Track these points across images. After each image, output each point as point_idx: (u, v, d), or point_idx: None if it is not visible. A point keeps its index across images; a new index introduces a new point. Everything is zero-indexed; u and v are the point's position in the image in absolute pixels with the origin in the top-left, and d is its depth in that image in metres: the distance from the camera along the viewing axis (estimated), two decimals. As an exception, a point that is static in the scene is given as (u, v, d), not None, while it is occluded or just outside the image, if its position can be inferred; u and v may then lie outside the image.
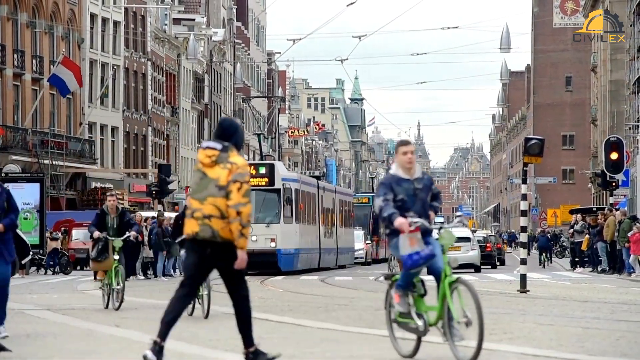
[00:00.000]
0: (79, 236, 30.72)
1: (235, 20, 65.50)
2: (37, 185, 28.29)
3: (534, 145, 16.59)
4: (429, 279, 6.54)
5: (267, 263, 25.95)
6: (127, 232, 11.68)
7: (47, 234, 28.06)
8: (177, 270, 24.67)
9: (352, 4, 32.76)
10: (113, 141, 45.90)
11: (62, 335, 8.78)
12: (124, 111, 46.39)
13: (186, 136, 55.17)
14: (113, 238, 11.55)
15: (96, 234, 11.57)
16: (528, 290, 16.53)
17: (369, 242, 39.61)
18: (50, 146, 37.94)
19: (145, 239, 23.33)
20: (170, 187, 35.93)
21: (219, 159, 5.88)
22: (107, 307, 11.55)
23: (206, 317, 10.26)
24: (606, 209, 25.70)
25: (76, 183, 41.41)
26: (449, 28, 54.25)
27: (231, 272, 6.01)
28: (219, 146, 5.89)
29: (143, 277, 23.11)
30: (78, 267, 31.23)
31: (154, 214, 29.29)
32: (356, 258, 37.14)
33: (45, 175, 35.07)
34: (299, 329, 9.01)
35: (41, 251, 27.36)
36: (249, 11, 69.73)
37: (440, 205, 6.84)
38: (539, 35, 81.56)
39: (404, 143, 6.70)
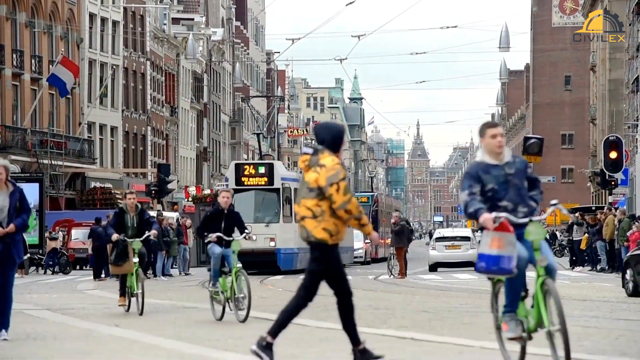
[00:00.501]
0: (79, 236, 30.72)
1: (234, 19, 65.48)
2: (37, 185, 28.28)
3: (533, 144, 16.62)
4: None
5: (267, 262, 25.97)
6: (146, 232, 11.16)
7: (47, 234, 28.05)
8: (177, 270, 24.66)
9: (351, 3, 32.76)
10: (112, 141, 45.89)
11: (61, 335, 8.78)
12: (123, 111, 46.38)
13: (185, 136, 55.16)
14: (132, 240, 11.05)
15: (114, 236, 11.05)
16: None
17: (368, 241, 39.64)
18: (50, 146, 37.93)
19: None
20: (169, 186, 35.99)
21: (311, 162, 6.11)
22: (128, 310, 11.13)
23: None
24: (605, 207, 25.72)
25: (75, 183, 41.40)
26: (448, 27, 54.30)
27: (330, 272, 6.19)
28: (310, 151, 6.14)
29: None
30: (77, 267, 31.22)
31: (152, 213, 29.25)
32: (355, 257, 37.16)
33: (45, 175, 35.06)
34: (299, 328, 9.00)
35: (40, 251, 27.36)
36: (248, 11, 69.72)
37: (540, 194, 5.83)
38: (538, 35, 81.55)
39: (492, 125, 5.92)
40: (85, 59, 42.72)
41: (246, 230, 10.25)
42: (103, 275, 23.11)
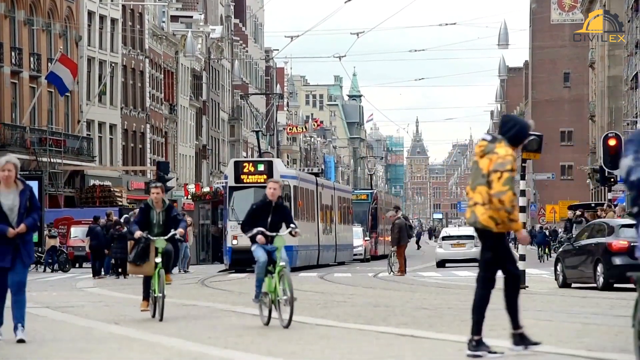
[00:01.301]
0: (78, 234, 30.72)
1: (233, 17, 65.43)
2: (36, 183, 28.25)
3: (532, 141, 16.60)
4: None
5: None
6: (172, 230, 9.93)
7: (46, 232, 28.05)
8: (176, 268, 24.59)
9: (349, 0, 32.73)
10: (111, 139, 45.86)
11: (61, 333, 8.77)
12: (122, 109, 46.35)
13: (184, 133, 55.14)
14: (155, 238, 9.86)
15: (137, 233, 9.87)
16: (527, 286, 16.56)
17: (367, 238, 39.63)
18: (49, 144, 37.91)
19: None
20: (168, 184, 35.91)
21: (487, 149, 6.26)
22: (154, 315, 9.94)
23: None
24: (605, 204, 25.70)
25: (74, 181, 41.38)
26: (446, 24, 54.05)
27: (499, 256, 6.29)
28: (488, 137, 6.28)
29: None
30: (77, 265, 31.22)
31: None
32: (355, 255, 37.16)
33: (44, 173, 35.05)
34: (298, 325, 9.00)
35: (40, 249, 27.35)
36: (247, 8, 69.66)
37: None
38: (537, 32, 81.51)
39: None
40: (84, 57, 42.69)
41: (292, 225, 9.10)
42: (102, 273, 23.10)
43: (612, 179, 25.16)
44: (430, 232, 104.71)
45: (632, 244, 15.35)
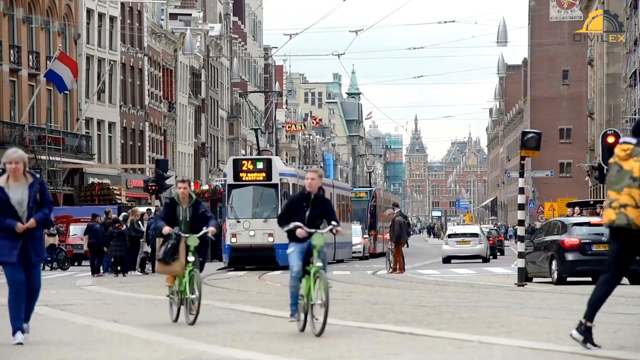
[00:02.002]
0: (77, 232, 30.71)
1: (231, 15, 65.40)
2: (34, 181, 28.24)
3: (531, 138, 16.61)
4: None
5: (265, 258, 25.98)
6: (204, 228, 9.09)
7: (45, 230, 27.96)
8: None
9: (348, -2, 32.69)
10: (110, 137, 45.85)
11: (60, 331, 8.78)
12: (120, 106, 46.34)
13: (183, 131, 55.13)
14: (187, 235, 9.04)
15: (166, 229, 9.05)
16: (526, 284, 16.57)
17: (366, 236, 39.65)
18: (47, 142, 37.90)
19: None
20: (167, 182, 35.97)
21: (633, 152, 6.31)
22: (176, 320, 9.13)
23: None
24: (604, 202, 25.62)
25: (73, 179, 41.37)
26: (445, 22, 54.14)
27: (633, 255, 6.40)
28: (633, 141, 6.31)
29: (140, 273, 23.08)
30: (76, 263, 31.21)
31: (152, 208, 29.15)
32: (354, 252, 37.20)
33: (43, 171, 35.04)
34: (298, 323, 8.99)
35: (39, 247, 27.31)
36: (246, 6, 69.63)
37: None
38: (536, 29, 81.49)
39: None
40: (83, 55, 42.66)
41: (333, 223, 8.04)
42: (102, 271, 23.10)
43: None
44: (429, 230, 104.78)
45: (582, 241, 16.48)
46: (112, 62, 44.89)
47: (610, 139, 22.53)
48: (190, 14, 56.05)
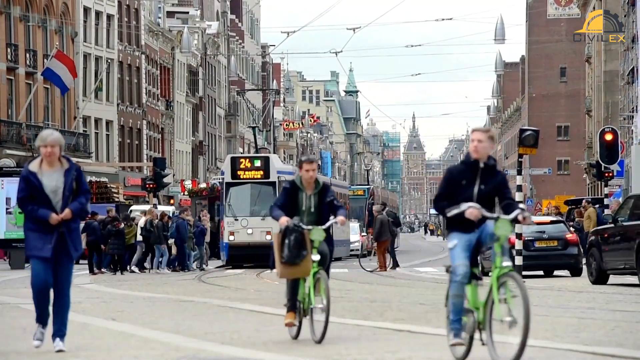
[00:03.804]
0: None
1: (229, 13, 65.36)
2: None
3: (528, 136, 16.62)
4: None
5: (263, 256, 25.84)
6: (331, 218, 7.39)
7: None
8: (195, 263, 24.32)
9: (346, -4, 32.62)
10: (108, 135, 45.82)
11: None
12: (118, 105, 46.30)
13: (181, 129, 55.10)
14: (309, 227, 7.27)
15: (283, 219, 7.20)
16: (524, 281, 16.57)
17: (364, 234, 39.68)
18: (45, 140, 37.84)
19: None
20: (165, 180, 35.90)
21: None
22: (296, 336, 7.37)
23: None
24: (584, 201, 25.85)
25: (71, 177, 41.32)
26: (443, 20, 54.17)
27: None
28: None
29: (137, 271, 23.07)
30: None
31: (171, 208, 29.16)
32: (352, 250, 37.22)
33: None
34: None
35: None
36: (243, 4, 69.57)
37: None
38: (534, 26, 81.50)
39: None
40: (80, 53, 42.61)
41: (521, 206, 5.96)
42: (102, 269, 23.09)
43: (608, 174, 25.17)
44: (426, 227, 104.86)
45: (526, 239, 17.22)
46: (109, 60, 44.84)
47: (608, 137, 22.54)
48: (188, 12, 56.01)
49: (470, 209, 5.70)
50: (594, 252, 15.78)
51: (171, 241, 23.54)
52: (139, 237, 23.31)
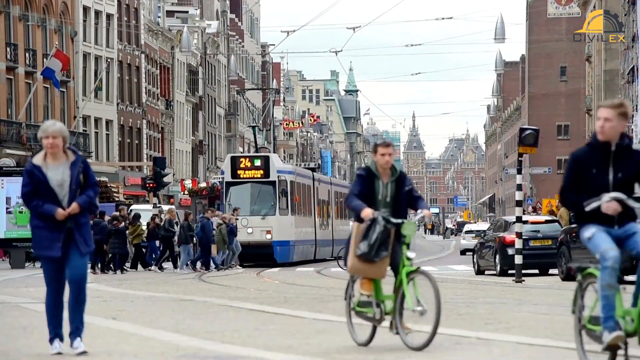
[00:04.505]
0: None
1: (228, 12, 65.35)
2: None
3: (528, 135, 16.64)
4: None
5: (263, 255, 26.01)
6: (418, 211, 6.58)
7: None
8: (231, 261, 24.28)
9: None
10: (107, 134, 45.82)
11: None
12: (118, 104, 46.30)
13: (181, 129, 55.10)
14: (398, 220, 6.41)
15: (367, 211, 6.38)
16: (523, 280, 16.59)
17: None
18: (45, 140, 37.84)
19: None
20: (165, 179, 35.93)
21: None
22: (369, 342, 6.66)
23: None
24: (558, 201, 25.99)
25: (71, 176, 41.31)
26: (443, 19, 54.14)
27: None
28: None
29: (159, 270, 23.06)
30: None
31: (170, 206, 29.16)
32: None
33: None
34: (296, 320, 9.02)
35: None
36: (243, 3, 69.56)
37: None
38: (534, 26, 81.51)
39: None
40: (80, 52, 42.61)
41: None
42: (106, 271, 23.12)
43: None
44: (425, 226, 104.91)
45: (523, 238, 17.42)
46: (109, 60, 44.84)
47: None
48: (187, 11, 56.01)
49: (607, 204, 4.76)
50: (564, 250, 16.83)
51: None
52: (145, 238, 23.36)
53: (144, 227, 23.55)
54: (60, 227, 6.12)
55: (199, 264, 23.52)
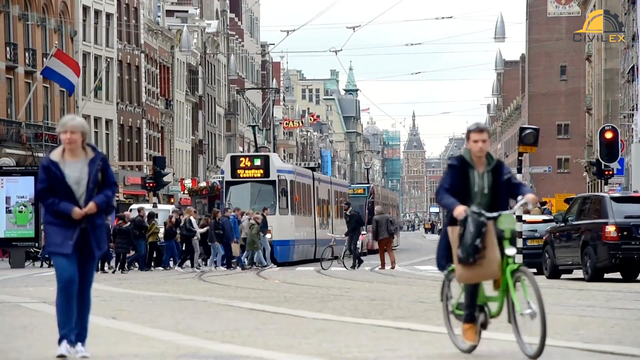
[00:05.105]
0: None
1: (228, 11, 65.34)
2: (32, 178, 28.22)
3: (528, 134, 16.65)
4: None
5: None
6: (518, 198, 5.81)
7: (42, 227, 28.02)
8: (265, 260, 24.23)
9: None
10: (107, 134, 45.83)
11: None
12: (117, 104, 46.30)
13: (180, 128, 55.10)
14: (496, 214, 5.74)
15: (460, 208, 5.72)
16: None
17: (364, 232, 39.72)
18: (45, 139, 37.87)
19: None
20: (165, 179, 35.94)
21: None
22: (472, 349, 6.10)
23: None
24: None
25: (71, 176, 41.30)
26: (443, 18, 54.10)
27: None
28: None
29: (181, 270, 23.08)
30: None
31: (171, 207, 29.20)
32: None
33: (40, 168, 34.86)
34: (296, 319, 9.02)
35: (36, 244, 27.35)
36: (243, 2, 69.55)
37: None
38: (534, 25, 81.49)
39: None
40: (79, 52, 42.60)
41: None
42: (107, 269, 23.13)
43: (608, 172, 25.20)
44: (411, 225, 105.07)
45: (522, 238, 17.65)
46: (108, 60, 44.84)
47: (608, 135, 22.56)
48: (187, 11, 56.01)
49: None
50: (548, 249, 17.19)
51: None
52: (160, 237, 23.38)
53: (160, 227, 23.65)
54: (75, 225, 5.90)
55: (213, 262, 23.41)
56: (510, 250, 5.72)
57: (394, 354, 6.39)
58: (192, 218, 23.33)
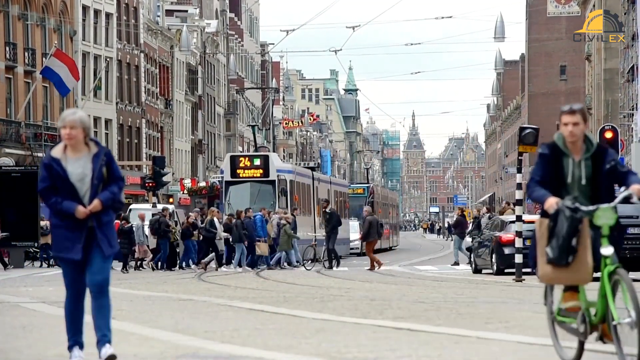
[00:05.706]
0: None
1: (228, 11, 65.34)
2: (32, 178, 28.26)
3: (528, 134, 16.65)
4: None
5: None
6: (621, 189, 5.13)
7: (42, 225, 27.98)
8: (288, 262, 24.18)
9: (345, -6, 32.64)
10: (107, 134, 45.82)
11: (58, 327, 8.74)
12: (117, 103, 46.29)
13: (180, 128, 55.09)
14: (593, 208, 5.02)
15: (552, 200, 5.04)
16: (524, 279, 16.59)
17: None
18: (44, 139, 37.87)
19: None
20: (164, 179, 35.92)
21: None
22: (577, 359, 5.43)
23: None
24: (504, 202, 26.56)
25: (70, 176, 41.30)
26: (442, 18, 54.17)
27: None
28: None
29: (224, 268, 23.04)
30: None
31: (171, 207, 29.23)
32: (352, 249, 37.24)
33: (39, 168, 34.89)
34: (295, 319, 9.00)
35: (36, 244, 27.33)
36: (242, 2, 69.55)
37: None
38: (533, 24, 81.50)
39: None
40: (79, 52, 42.60)
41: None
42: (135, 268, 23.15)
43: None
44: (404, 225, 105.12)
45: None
46: (108, 59, 44.83)
47: (608, 134, 22.57)
48: (187, 11, 56.01)
49: None
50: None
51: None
52: (176, 237, 23.34)
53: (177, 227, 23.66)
54: (81, 226, 5.54)
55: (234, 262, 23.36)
56: (606, 250, 4.97)
57: (394, 354, 6.38)
58: (215, 219, 23.18)
